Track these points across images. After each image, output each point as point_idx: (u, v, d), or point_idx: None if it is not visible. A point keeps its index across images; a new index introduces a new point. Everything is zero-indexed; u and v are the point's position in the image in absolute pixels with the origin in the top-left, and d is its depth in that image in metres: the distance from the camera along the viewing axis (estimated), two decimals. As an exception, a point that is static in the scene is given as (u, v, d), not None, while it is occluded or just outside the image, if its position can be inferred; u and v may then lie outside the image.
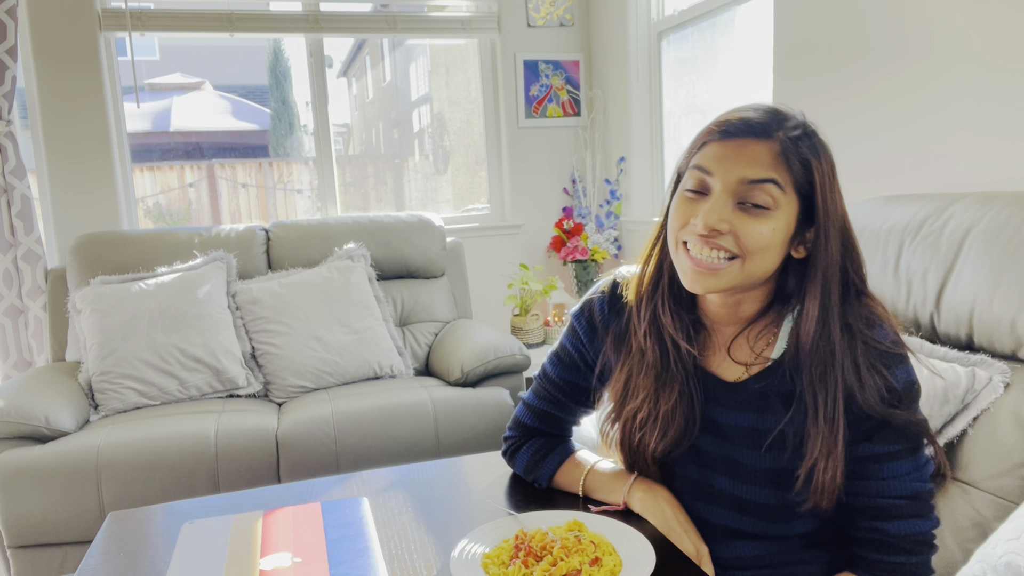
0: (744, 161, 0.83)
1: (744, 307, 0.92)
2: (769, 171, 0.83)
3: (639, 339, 0.96)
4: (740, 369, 0.93)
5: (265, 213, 3.55)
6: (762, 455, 0.90)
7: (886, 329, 0.87)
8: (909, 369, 0.87)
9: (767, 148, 0.83)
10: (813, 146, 0.85)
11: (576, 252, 3.15)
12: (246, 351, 2.43)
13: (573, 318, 1.06)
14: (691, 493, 0.98)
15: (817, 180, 0.84)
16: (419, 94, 3.69)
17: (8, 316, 2.64)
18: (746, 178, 0.83)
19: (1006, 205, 1.21)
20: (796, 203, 0.84)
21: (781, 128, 0.84)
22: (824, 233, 0.85)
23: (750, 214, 0.83)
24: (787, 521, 0.91)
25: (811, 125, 0.87)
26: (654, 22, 3.01)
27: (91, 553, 0.95)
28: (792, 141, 0.84)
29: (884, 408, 0.84)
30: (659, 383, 0.94)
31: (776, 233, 0.84)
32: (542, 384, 1.11)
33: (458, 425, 2.17)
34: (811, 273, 0.86)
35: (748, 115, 0.85)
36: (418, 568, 0.88)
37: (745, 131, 0.84)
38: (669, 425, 0.94)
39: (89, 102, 2.79)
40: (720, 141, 0.85)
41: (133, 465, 1.92)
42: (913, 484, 0.86)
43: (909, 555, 0.86)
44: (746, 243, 0.83)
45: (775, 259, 0.86)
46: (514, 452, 1.13)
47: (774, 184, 0.82)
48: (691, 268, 0.86)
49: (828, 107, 1.95)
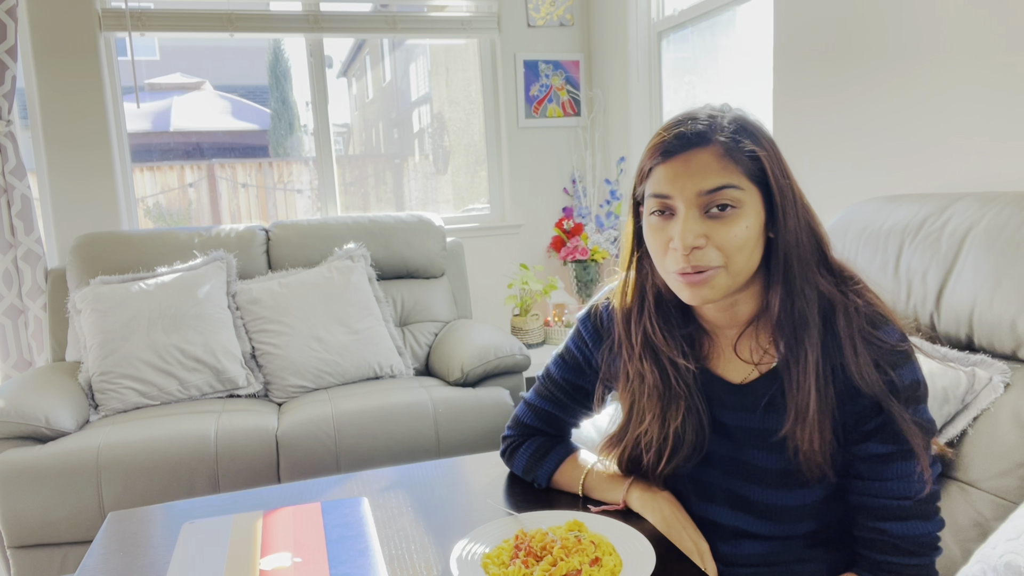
0: (695, 174, 0.84)
1: (740, 308, 0.92)
2: (721, 176, 0.83)
3: (635, 364, 0.96)
4: (747, 370, 0.93)
5: (265, 213, 3.55)
6: (769, 455, 0.91)
7: (892, 327, 0.86)
8: (915, 368, 0.86)
9: (710, 154, 0.84)
10: (752, 134, 0.86)
11: (576, 252, 3.15)
12: (246, 351, 2.43)
13: (579, 322, 1.07)
14: (696, 493, 0.98)
15: (767, 167, 0.85)
16: (419, 94, 3.69)
17: (8, 316, 2.64)
18: (702, 190, 0.83)
19: (1006, 205, 1.21)
20: (757, 193, 0.85)
21: (716, 129, 0.85)
22: (782, 212, 0.86)
23: (719, 220, 0.84)
24: (793, 521, 0.91)
25: (739, 111, 0.89)
26: (654, 22, 3.01)
27: (91, 553, 0.95)
28: (731, 139, 0.84)
29: (882, 392, 0.84)
30: (664, 402, 0.94)
31: (750, 229, 0.85)
32: (545, 384, 1.11)
33: (458, 425, 2.17)
34: (775, 252, 0.87)
35: (681, 129, 0.85)
36: (418, 568, 0.88)
37: (685, 145, 0.85)
38: (680, 443, 0.94)
39: (89, 102, 2.79)
40: (664, 163, 0.86)
41: (133, 465, 1.92)
42: (917, 485, 0.86)
43: (912, 556, 0.86)
44: (726, 247, 0.84)
45: (756, 252, 0.87)
46: (513, 451, 1.13)
47: (731, 188, 0.83)
48: (683, 283, 0.87)
49: (828, 107, 1.95)
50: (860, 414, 0.86)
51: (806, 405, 0.85)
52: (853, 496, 0.89)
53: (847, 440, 0.87)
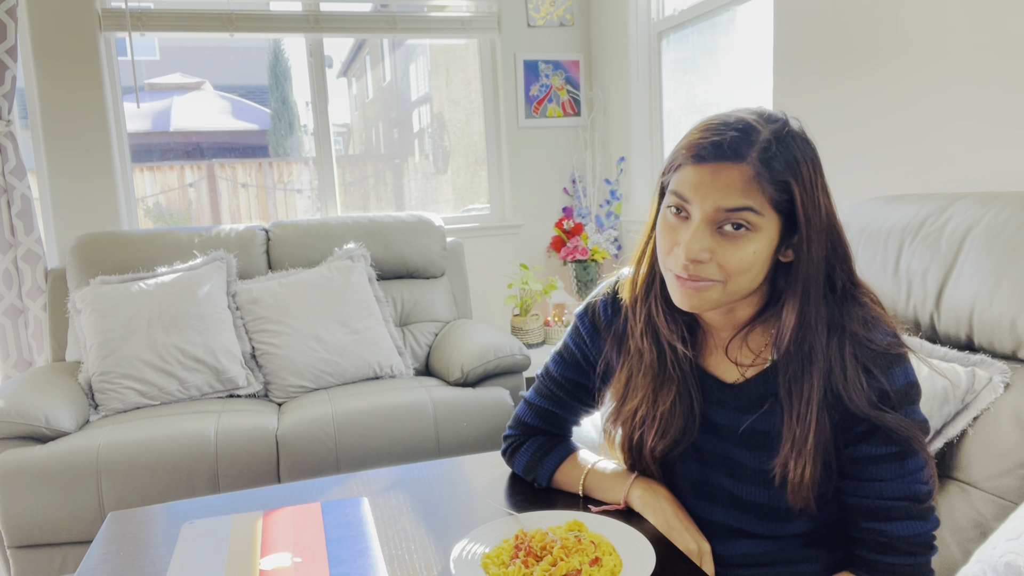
0: (719, 189, 0.81)
1: (738, 313, 0.92)
2: (744, 199, 0.81)
3: (636, 340, 0.97)
4: (738, 370, 0.93)
5: (265, 213, 3.55)
6: (759, 456, 0.91)
7: (884, 329, 0.86)
8: (908, 370, 0.86)
9: (740, 173, 0.81)
10: (790, 159, 0.82)
11: (576, 252, 3.15)
12: (246, 351, 2.43)
13: (577, 318, 1.07)
14: (693, 492, 0.98)
15: (797, 195, 0.82)
16: (419, 94, 3.69)
17: (8, 316, 2.64)
18: (721, 207, 0.81)
19: (1006, 205, 1.21)
20: (776, 219, 0.83)
21: (753, 147, 0.81)
22: (807, 241, 0.84)
23: (729, 239, 0.82)
24: (786, 521, 0.92)
25: (789, 127, 0.85)
26: (654, 22, 3.01)
27: (91, 553, 0.95)
28: (765, 163, 0.81)
29: (874, 411, 0.83)
30: (657, 383, 0.95)
31: (757, 255, 0.83)
32: (544, 383, 1.11)
33: (458, 425, 2.17)
34: (792, 278, 0.86)
35: (719, 137, 0.82)
36: (418, 568, 0.88)
37: (717, 156, 0.81)
38: (669, 424, 0.94)
39: (89, 102, 2.79)
40: (693, 166, 0.83)
41: (133, 465, 1.92)
42: (912, 485, 0.86)
43: (908, 556, 0.86)
44: (728, 267, 0.83)
45: (758, 276, 0.85)
46: (514, 451, 1.13)
47: (750, 211, 0.81)
48: (678, 288, 0.87)
49: (828, 107, 1.95)
50: (854, 417, 0.85)
51: (804, 437, 0.84)
52: (848, 497, 0.89)
53: (840, 443, 0.87)
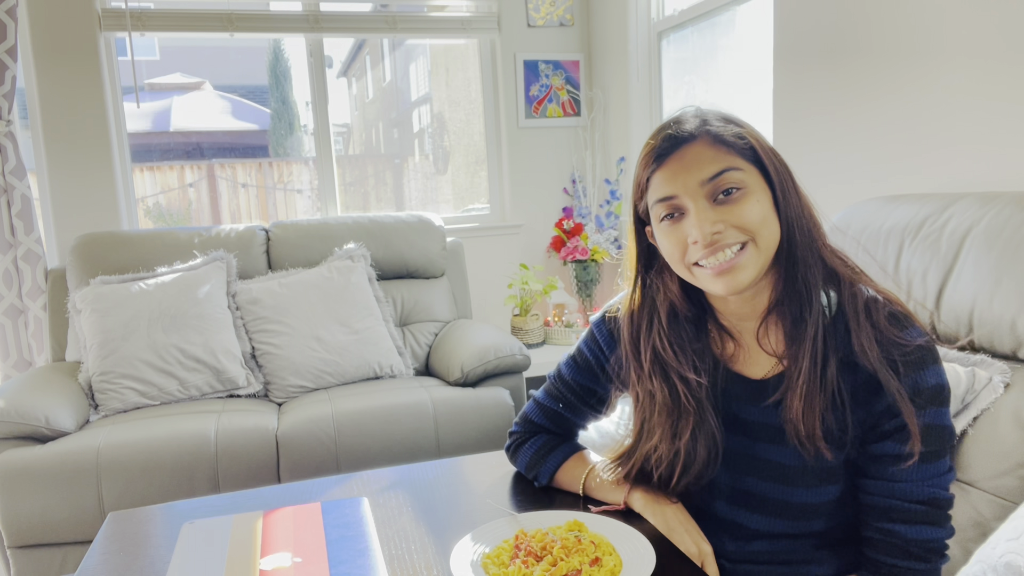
0: (692, 167, 0.86)
1: (759, 298, 0.92)
2: (718, 162, 0.85)
3: (645, 382, 0.96)
4: (768, 364, 0.93)
5: (265, 213, 3.55)
6: (784, 450, 0.90)
7: (916, 328, 0.86)
8: (940, 371, 0.85)
9: (701, 145, 0.86)
10: (735, 122, 0.89)
11: (576, 252, 3.15)
12: (246, 351, 2.43)
13: (593, 326, 1.07)
14: (705, 490, 0.98)
15: (755, 145, 0.87)
16: (419, 94, 3.69)
17: (8, 316, 2.64)
18: (704, 179, 0.85)
19: (1006, 205, 1.21)
20: (757, 172, 0.87)
21: (698, 124, 0.88)
22: (783, 189, 0.88)
23: (729, 203, 0.85)
24: (804, 519, 0.91)
25: (716, 108, 0.92)
26: (654, 22, 3.01)
27: (91, 553, 0.95)
28: (714, 129, 0.87)
29: (881, 363, 0.83)
30: (673, 419, 0.94)
31: (761, 204, 0.86)
32: (555, 385, 1.11)
33: (458, 425, 2.17)
34: (780, 225, 0.88)
35: (668, 131, 0.88)
36: (418, 568, 0.88)
37: (674, 144, 0.87)
38: (691, 459, 0.93)
39: (89, 102, 2.79)
40: (660, 167, 0.87)
41: (133, 465, 1.92)
42: (931, 490, 0.85)
43: (919, 561, 0.85)
44: (745, 224, 0.85)
45: (776, 226, 0.88)
46: (517, 448, 1.14)
47: (731, 170, 0.85)
48: (713, 276, 0.86)
49: (828, 107, 1.95)
50: (881, 414, 0.85)
51: (799, 371, 0.86)
52: (864, 495, 0.88)
53: (865, 439, 0.87)
